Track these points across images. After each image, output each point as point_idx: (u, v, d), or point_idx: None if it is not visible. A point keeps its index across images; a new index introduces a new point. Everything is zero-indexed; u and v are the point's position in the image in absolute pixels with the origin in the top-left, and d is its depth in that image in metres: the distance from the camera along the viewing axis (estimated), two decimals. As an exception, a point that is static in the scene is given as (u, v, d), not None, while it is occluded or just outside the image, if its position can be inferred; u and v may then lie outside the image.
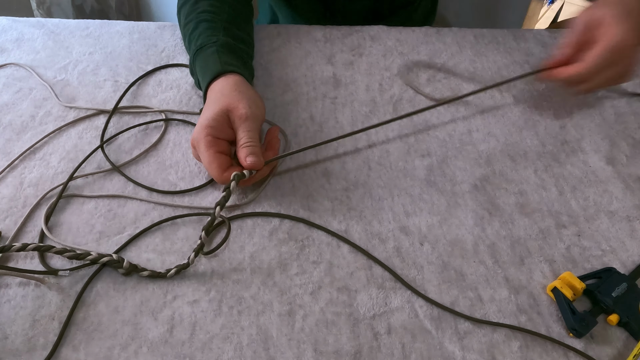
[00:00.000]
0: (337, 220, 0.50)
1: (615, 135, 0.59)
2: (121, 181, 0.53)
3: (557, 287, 0.43)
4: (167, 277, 0.45)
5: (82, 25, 0.74)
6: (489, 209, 0.51)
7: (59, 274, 0.45)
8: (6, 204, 0.50)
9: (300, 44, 0.71)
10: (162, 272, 0.45)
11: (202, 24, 0.61)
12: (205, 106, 0.53)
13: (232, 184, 0.47)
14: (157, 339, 0.41)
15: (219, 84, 0.54)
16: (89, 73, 0.66)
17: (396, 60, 0.69)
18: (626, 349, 0.41)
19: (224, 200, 0.47)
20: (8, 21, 0.74)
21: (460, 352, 0.41)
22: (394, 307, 0.43)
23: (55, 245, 0.44)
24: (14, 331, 0.41)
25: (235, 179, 0.48)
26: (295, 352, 0.40)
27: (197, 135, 0.50)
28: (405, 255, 0.47)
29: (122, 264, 0.44)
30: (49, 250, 0.44)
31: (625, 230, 0.50)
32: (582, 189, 0.53)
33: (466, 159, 0.56)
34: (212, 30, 0.60)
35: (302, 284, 0.45)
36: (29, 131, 0.58)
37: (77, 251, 0.44)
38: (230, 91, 0.52)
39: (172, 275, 0.45)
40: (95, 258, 0.44)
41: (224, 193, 0.47)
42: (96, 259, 0.44)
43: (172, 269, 0.45)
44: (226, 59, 0.56)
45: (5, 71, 0.66)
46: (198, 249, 0.45)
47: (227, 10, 0.63)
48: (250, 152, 0.49)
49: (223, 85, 0.53)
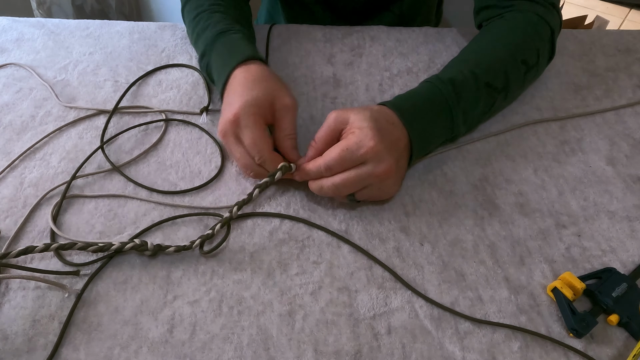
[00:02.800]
0: (337, 220, 0.50)
1: (615, 135, 0.59)
2: (121, 181, 0.53)
3: (557, 287, 0.43)
4: (192, 249, 0.46)
5: (82, 25, 0.74)
6: (489, 209, 0.51)
7: (81, 273, 0.45)
8: (6, 204, 0.50)
9: (300, 44, 0.71)
10: (187, 245, 0.45)
11: (217, 15, 0.61)
12: (241, 87, 0.50)
13: (277, 174, 0.47)
14: (157, 339, 0.41)
15: (254, 68, 0.52)
16: (89, 73, 0.66)
17: (396, 60, 0.69)
18: (626, 349, 0.41)
19: (266, 185, 0.47)
20: (8, 21, 0.74)
21: (460, 352, 0.41)
22: (394, 307, 0.43)
23: (76, 243, 0.44)
24: (14, 331, 0.41)
25: (282, 169, 0.47)
26: (295, 352, 0.40)
27: (243, 111, 0.47)
28: (405, 255, 0.47)
29: (146, 246, 0.45)
30: (72, 247, 0.44)
31: (626, 230, 0.50)
32: (582, 189, 0.53)
33: (466, 159, 0.56)
34: (229, 21, 0.60)
35: (302, 284, 0.45)
36: (29, 131, 0.58)
37: (99, 244, 0.44)
38: (271, 77, 0.51)
39: (197, 246, 0.46)
40: (119, 247, 0.44)
41: (267, 179, 0.47)
42: (120, 247, 0.44)
43: (196, 240, 0.46)
44: (254, 47, 0.56)
45: (6, 71, 0.66)
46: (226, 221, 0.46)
47: (232, 10, 0.63)
48: (295, 145, 0.48)
49: (260, 70, 0.51)
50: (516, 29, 0.59)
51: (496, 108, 0.58)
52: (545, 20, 0.59)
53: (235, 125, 0.48)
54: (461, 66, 0.54)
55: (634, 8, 2.20)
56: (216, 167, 0.55)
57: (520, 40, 0.58)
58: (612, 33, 0.75)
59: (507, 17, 0.61)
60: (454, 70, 0.54)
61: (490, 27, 0.61)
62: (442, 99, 0.51)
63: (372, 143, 0.44)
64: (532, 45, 0.58)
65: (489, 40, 0.59)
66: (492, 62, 0.55)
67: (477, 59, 0.56)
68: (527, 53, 0.58)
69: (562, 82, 0.66)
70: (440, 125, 0.52)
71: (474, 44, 0.59)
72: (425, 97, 0.51)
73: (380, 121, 0.46)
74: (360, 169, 0.45)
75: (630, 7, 2.20)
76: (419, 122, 0.49)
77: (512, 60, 0.56)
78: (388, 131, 0.46)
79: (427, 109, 0.51)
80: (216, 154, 0.56)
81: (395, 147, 0.47)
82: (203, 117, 0.60)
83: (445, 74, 0.53)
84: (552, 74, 0.67)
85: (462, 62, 0.55)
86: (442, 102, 0.51)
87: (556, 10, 0.62)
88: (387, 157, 0.45)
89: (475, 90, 0.53)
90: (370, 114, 0.46)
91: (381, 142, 0.45)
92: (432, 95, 0.51)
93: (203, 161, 0.55)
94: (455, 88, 0.51)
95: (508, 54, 0.56)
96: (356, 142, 0.45)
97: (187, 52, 0.69)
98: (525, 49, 0.58)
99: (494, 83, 0.54)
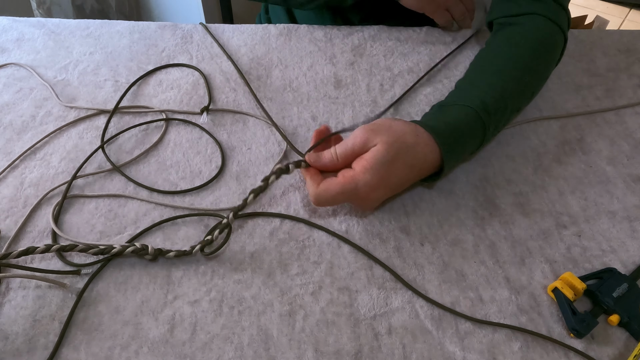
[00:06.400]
0: (337, 221, 0.50)
1: (616, 135, 0.59)
2: (122, 181, 0.53)
3: (557, 288, 0.43)
4: (192, 254, 0.46)
5: (83, 25, 0.74)
6: (489, 209, 0.51)
7: (82, 272, 0.45)
8: (6, 204, 0.50)
9: (301, 43, 0.71)
10: (188, 250, 0.45)
11: None
12: None
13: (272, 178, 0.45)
14: (157, 339, 0.41)
15: None
16: (89, 73, 0.66)
17: (397, 60, 0.69)
18: (627, 349, 0.41)
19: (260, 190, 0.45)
20: (8, 21, 0.74)
21: (460, 353, 0.41)
22: (394, 308, 0.43)
23: (77, 244, 0.44)
24: (14, 331, 0.41)
25: (277, 172, 0.46)
26: (295, 353, 0.40)
27: None
28: (405, 255, 0.47)
29: (147, 250, 0.45)
30: (73, 249, 0.44)
31: (626, 230, 0.50)
32: (583, 189, 0.53)
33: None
34: None
35: (302, 284, 0.45)
36: (29, 131, 0.58)
37: (100, 247, 0.44)
38: None
39: (197, 251, 0.45)
40: (120, 250, 0.44)
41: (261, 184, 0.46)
42: (121, 250, 0.44)
43: (196, 245, 0.45)
44: None
45: (6, 71, 0.66)
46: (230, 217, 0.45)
47: None
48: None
49: None
50: (537, 40, 0.57)
51: None
52: (560, 28, 0.59)
53: None
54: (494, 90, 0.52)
55: (634, 8, 2.20)
56: (216, 167, 0.55)
57: (542, 51, 0.57)
58: (612, 33, 0.75)
59: (526, 25, 0.59)
60: (487, 95, 0.51)
61: (511, 36, 0.59)
62: (481, 126, 0.49)
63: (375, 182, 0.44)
64: (549, 58, 0.58)
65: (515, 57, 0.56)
66: (522, 84, 0.55)
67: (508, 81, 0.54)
68: (546, 66, 0.58)
69: (563, 82, 0.66)
70: (472, 147, 0.50)
71: (499, 59, 0.57)
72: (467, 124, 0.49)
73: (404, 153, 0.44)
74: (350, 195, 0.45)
75: (630, 7, 2.20)
76: (457, 148, 0.48)
77: (537, 79, 0.57)
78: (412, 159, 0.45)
79: (467, 136, 0.49)
80: (216, 154, 0.56)
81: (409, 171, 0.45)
82: (203, 117, 0.60)
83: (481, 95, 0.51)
84: (552, 74, 0.67)
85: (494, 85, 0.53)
86: (480, 128, 0.49)
87: (567, 13, 0.62)
88: (382, 193, 0.45)
89: (507, 115, 0.53)
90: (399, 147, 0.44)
91: (385, 180, 0.44)
92: (474, 123, 0.49)
93: (203, 161, 0.55)
94: (492, 115, 0.50)
95: (534, 74, 0.56)
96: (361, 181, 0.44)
97: (187, 52, 0.69)
98: (545, 62, 0.58)
99: (523, 105, 0.57)
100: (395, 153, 0.44)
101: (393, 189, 0.47)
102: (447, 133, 0.47)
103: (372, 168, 0.44)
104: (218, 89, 0.64)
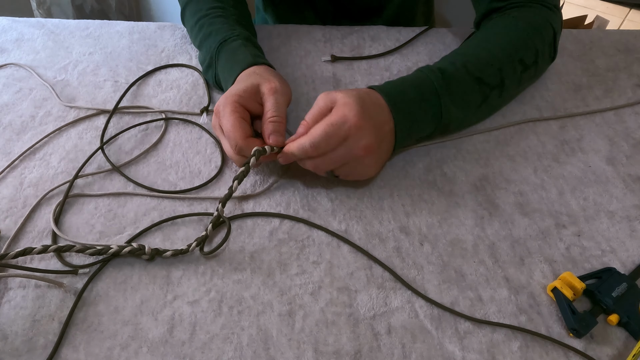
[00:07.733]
0: (337, 220, 0.50)
1: (615, 135, 0.59)
2: (121, 181, 0.53)
3: (557, 287, 0.43)
4: (189, 253, 0.46)
5: (82, 25, 0.74)
6: (489, 209, 0.51)
7: (80, 272, 0.45)
8: (6, 204, 0.50)
9: (300, 43, 0.71)
10: (184, 249, 0.46)
11: (217, 19, 0.61)
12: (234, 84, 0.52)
13: (252, 160, 0.46)
14: (157, 339, 0.41)
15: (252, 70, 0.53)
16: (89, 73, 0.66)
17: (396, 60, 0.69)
18: (626, 349, 0.41)
19: (243, 175, 0.47)
20: (8, 21, 0.74)
21: (460, 352, 0.41)
22: (394, 307, 0.43)
23: (74, 245, 0.44)
24: (13, 331, 0.41)
25: (256, 154, 0.46)
26: (295, 353, 0.40)
27: (223, 101, 0.48)
28: (405, 255, 0.47)
29: (144, 250, 0.45)
30: (70, 249, 0.44)
31: (625, 230, 0.50)
32: (582, 189, 0.53)
33: (466, 159, 0.56)
34: (229, 25, 0.60)
35: (302, 284, 0.45)
36: (29, 131, 0.58)
37: (97, 247, 0.45)
38: (264, 70, 0.52)
39: (194, 249, 0.46)
40: (117, 250, 0.45)
41: (242, 168, 0.47)
42: (118, 251, 0.45)
43: (192, 243, 0.46)
44: (253, 51, 0.57)
45: (6, 71, 0.66)
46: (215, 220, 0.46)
47: (232, 10, 0.64)
48: (275, 129, 0.48)
49: (256, 69, 0.53)
50: (515, 28, 0.59)
51: (491, 106, 0.58)
52: (549, 22, 0.59)
53: (217, 118, 0.50)
54: (454, 59, 0.55)
55: (634, 8, 2.19)
56: (216, 167, 0.55)
57: (518, 39, 0.58)
58: (612, 33, 0.75)
59: (509, 14, 0.61)
60: (446, 62, 0.54)
61: (490, 25, 0.62)
62: (430, 85, 0.51)
63: (356, 119, 0.45)
64: (530, 45, 0.58)
65: (486, 37, 0.59)
66: (486, 58, 0.55)
67: (471, 53, 0.56)
68: (524, 52, 0.57)
69: (562, 82, 0.66)
70: (427, 112, 0.51)
71: (471, 40, 0.60)
72: (414, 83, 0.52)
73: (366, 101, 0.47)
74: (342, 145, 0.46)
75: (630, 7, 2.20)
76: (405, 107, 0.50)
77: (507, 58, 0.56)
78: (374, 112, 0.47)
79: (414, 94, 0.51)
80: (216, 154, 0.56)
81: (379, 128, 0.47)
82: (203, 117, 0.60)
83: (437, 64, 0.54)
84: (552, 74, 0.67)
85: (456, 56, 0.56)
86: (430, 89, 0.51)
87: (558, 11, 0.62)
88: (369, 135, 0.46)
89: (465, 83, 0.53)
90: (357, 94, 0.47)
91: (365, 119, 0.46)
92: (420, 82, 0.52)
93: (203, 161, 0.55)
94: (444, 77, 0.52)
95: (503, 52, 0.56)
96: (341, 117, 0.45)
97: (187, 52, 0.69)
98: (523, 48, 0.57)
99: (487, 79, 0.55)
100: (359, 98, 0.46)
101: (378, 132, 0.47)
102: (395, 93, 0.50)
103: (350, 103, 0.46)
104: (217, 89, 0.64)
